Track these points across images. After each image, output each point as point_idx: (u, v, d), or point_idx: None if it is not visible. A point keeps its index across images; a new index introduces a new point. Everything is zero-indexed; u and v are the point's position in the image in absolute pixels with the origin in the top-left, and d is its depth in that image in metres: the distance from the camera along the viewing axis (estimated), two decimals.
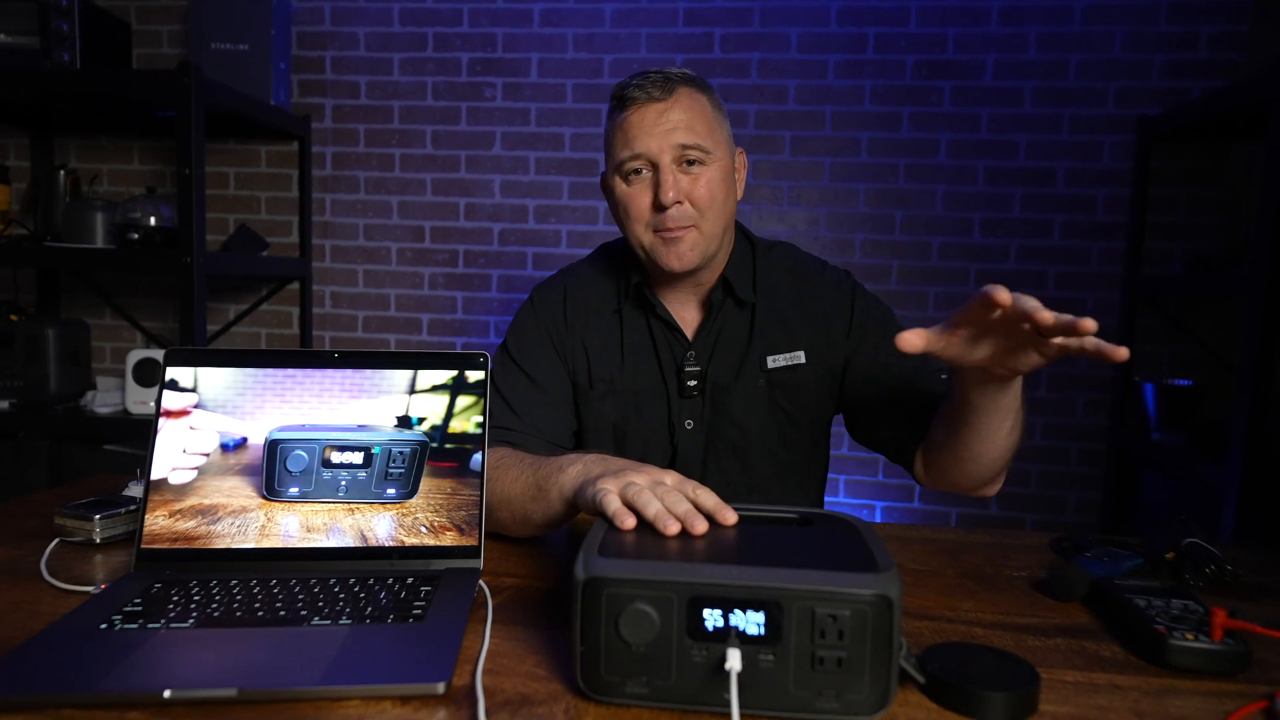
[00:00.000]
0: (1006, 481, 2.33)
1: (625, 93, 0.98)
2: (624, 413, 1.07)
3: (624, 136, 0.98)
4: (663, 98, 0.96)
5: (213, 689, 0.55)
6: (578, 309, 1.09)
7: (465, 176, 2.31)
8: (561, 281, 1.13)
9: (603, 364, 1.07)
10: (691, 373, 1.04)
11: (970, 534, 0.99)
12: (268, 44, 2.10)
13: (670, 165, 0.96)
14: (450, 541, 0.79)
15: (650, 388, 1.06)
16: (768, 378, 1.05)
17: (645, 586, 0.53)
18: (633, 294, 1.08)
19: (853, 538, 0.62)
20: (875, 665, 0.52)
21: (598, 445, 1.08)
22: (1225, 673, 0.61)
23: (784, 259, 1.11)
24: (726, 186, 1.00)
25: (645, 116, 0.96)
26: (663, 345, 1.07)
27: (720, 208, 0.99)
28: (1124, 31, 2.07)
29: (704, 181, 0.97)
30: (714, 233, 1.00)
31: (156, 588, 0.71)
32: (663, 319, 1.06)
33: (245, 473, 0.80)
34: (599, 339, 1.08)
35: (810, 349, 1.06)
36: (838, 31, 2.16)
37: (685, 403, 1.05)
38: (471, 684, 0.58)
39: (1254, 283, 1.57)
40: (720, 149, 0.99)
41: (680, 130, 0.96)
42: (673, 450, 1.06)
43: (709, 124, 0.99)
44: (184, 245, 1.83)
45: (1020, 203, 2.14)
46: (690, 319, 1.08)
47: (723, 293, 1.05)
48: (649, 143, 0.96)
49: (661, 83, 0.97)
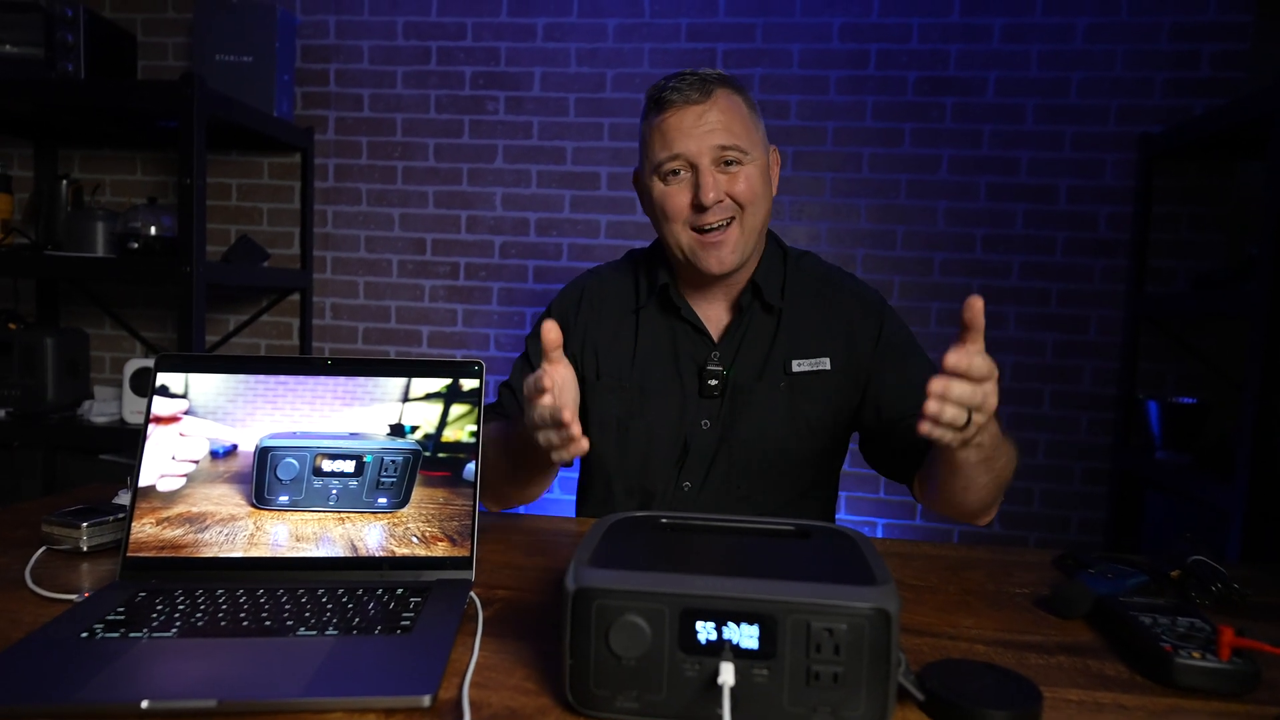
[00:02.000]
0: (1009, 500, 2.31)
1: (662, 95, 1.00)
2: (628, 408, 1.08)
3: (662, 139, 1.00)
4: (700, 100, 0.98)
5: (192, 700, 0.53)
6: (594, 304, 1.12)
7: (467, 189, 2.32)
8: (584, 280, 1.17)
9: (612, 359, 1.09)
10: (713, 373, 1.05)
11: (972, 550, 0.97)
12: (272, 56, 2.12)
13: (710, 166, 0.99)
14: (442, 552, 0.78)
15: (661, 386, 1.08)
16: (790, 381, 1.05)
17: (637, 598, 0.52)
18: (658, 294, 1.09)
19: (850, 551, 0.61)
20: (872, 681, 0.51)
21: (601, 437, 1.09)
22: (1233, 693, 0.59)
23: (815, 267, 1.13)
24: (765, 183, 1.03)
25: (684, 119, 0.98)
26: (684, 346, 1.08)
27: (760, 203, 1.02)
28: (1125, 50, 2.08)
29: (743, 178, 1.00)
30: (754, 228, 1.02)
31: (141, 596, 0.70)
32: (688, 320, 1.07)
33: (235, 480, 0.79)
34: (611, 334, 1.10)
35: (835, 357, 1.07)
36: (839, 48, 2.17)
37: (705, 403, 1.06)
38: (458, 697, 0.56)
39: (1258, 300, 1.56)
40: (757, 148, 1.02)
41: (719, 131, 0.98)
42: (684, 449, 1.06)
43: (745, 124, 1.01)
44: (184, 255, 1.83)
45: (1022, 219, 2.14)
46: (717, 320, 1.09)
47: (751, 295, 1.06)
48: (688, 144, 0.98)
49: (698, 84, 0.99)
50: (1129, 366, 2.06)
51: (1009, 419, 2.16)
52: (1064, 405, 2.15)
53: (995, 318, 2.16)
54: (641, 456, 1.07)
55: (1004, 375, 2.17)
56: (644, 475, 1.07)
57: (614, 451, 1.08)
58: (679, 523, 0.68)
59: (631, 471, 1.08)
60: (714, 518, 0.69)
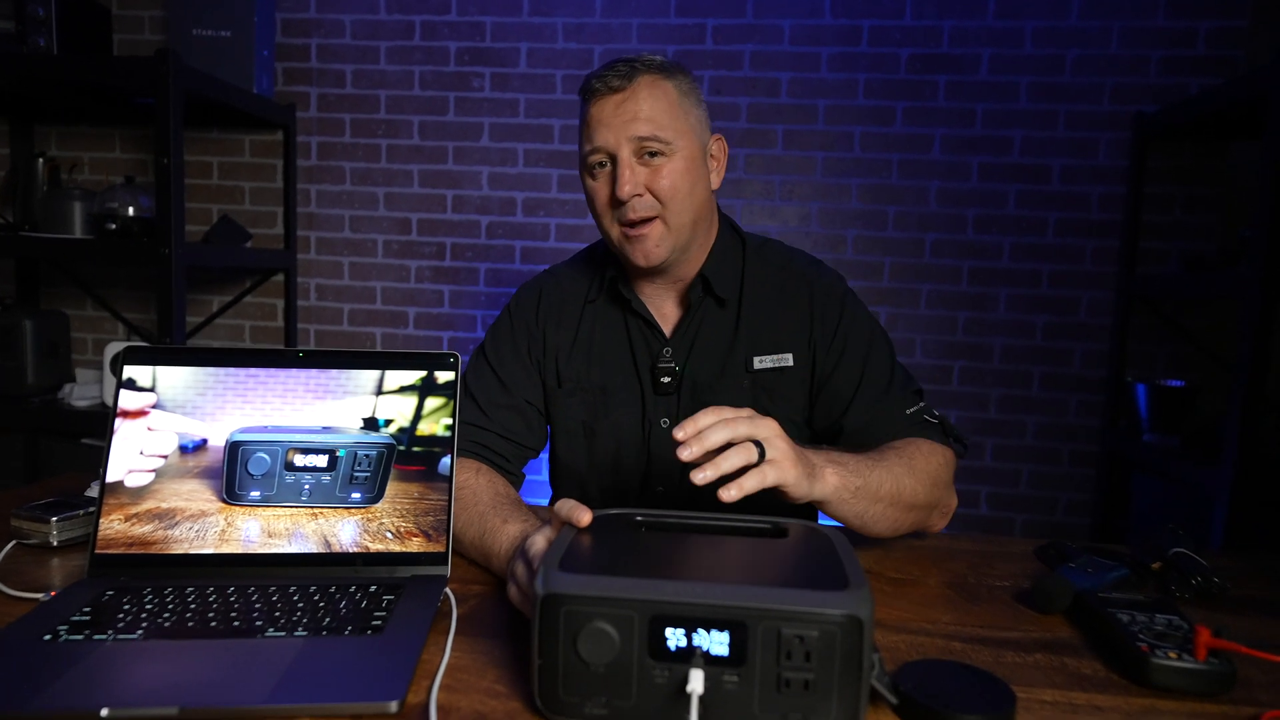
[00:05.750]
0: (997, 481, 2.30)
1: (589, 84, 0.96)
2: (593, 410, 1.04)
3: (586, 130, 0.96)
4: (621, 87, 0.93)
5: (153, 707, 0.52)
6: (551, 309, 1.07)
7: (453, 168, 2.28)
8: (540, 283, 1.11)
9: (572, 362, 1.05)
10: (665, 369, 1.01)
11: (955, 540, 0.97)
12: (250, 31, 2.06)
13: (629, 158, 0.93)
14: (417, 548, 0.77)
15: (621, 384, 1.04)
16: (753, 379, 1.01)
17: (605, 604, 0.51)
18: (607, 288, 1.05)
19: (826, 551, 0.60)
20: (844, 688, 0.50)
21: (569, 444, 1.06)
22: (1209, 693, 0.59)
23: (775, 257, 1.06)
24: (692, 176, 0.96)
25: (604, 108, 0.94)
26: (638, 341, 1.04)
27: (685, 198, 0.95)
28: (1121, 26, 2.04)
29: (665, 172, 0.94)
30: (681, 224, 0.96)
31: (108, 595, 0.69)
32: (639, 314, 1.03)
33: (205, 475, 0.77)
34: (569, 336, 1.06)
35: (798, 351, 1.02)
36: (831, 23, 2.13)
37: (660, 400, 1.03)
38: (426, 701, 0.55)
39: (1250, 283, 1.55)
40: (685, 138, 0.95)
41: (639, 121, 0.92)
42: (647, 450, 1.04)
43: (672, 112, 0.94)
44: (162, 236, 1.80)
45: (1014, 199, 2.12)
46: (669, 315, 1.05)
47: (702, 290, 1.02)
48: (607, 135, 0.93)
49: (624, 72, 0.93)
50: (1119, 348, 2.06)
51: (999, 401, 2.16)
52: (1053, 387, 2.15)
53: (986, 299, 2.15)
54: (611, 458, 1.05)
55: (994, 357, 2.16)
56: (616, 477, 1.05)
57: (583, 456, 1.06)
58: (654, 520, 0.67)
59: (603, 473, 1.06)
60: (690, 516, 0.68)
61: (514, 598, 0.70)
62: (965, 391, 2.17)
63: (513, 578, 0.71)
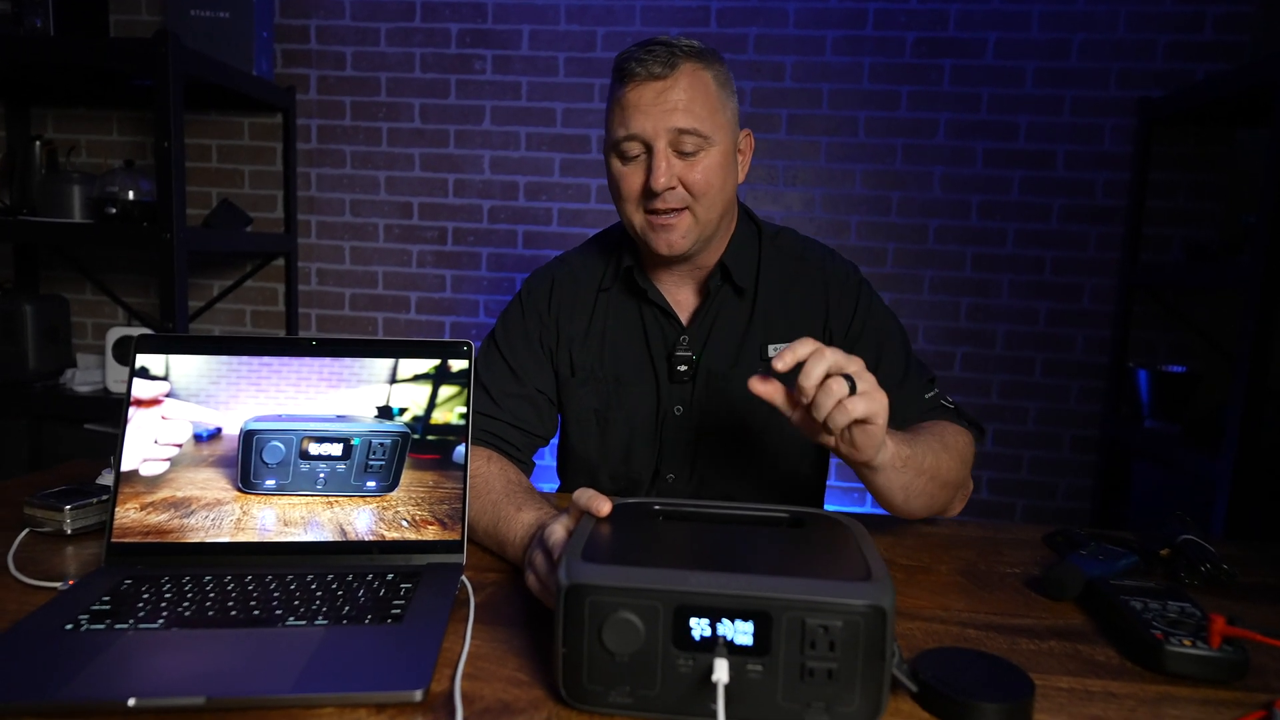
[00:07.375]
0: (998, 466, 2.31)
1: (626, 66, 0.93)
2: (605, 399, 1.04)
3: (621, 114, 0.93)
4: (664, 74, 0.91)
5: (180, 697, 0.53)
6: (565, 298, 1.06)
7: (454, 152, 2.26)
8: (551, 271, 1.10)
9: (585, 350, 1.05)
10: (682, 357, 1.01)
11: (963, 528, 0.98)
12: (249, 12, 2.04)
13: (665, 149, 0.92)
14: (432, 536, 0.77)
15: (634, 373, 1.04)
16: (768, 366, 1.02)
17: (630, 595, 0.51)
18: (622, 277, 1.04)
19: (845, 541, 0.60)
20: (867, 677, 0.50)
21: (580, 433, 1.06)
22: (1223, 680, 0.60)
23: (791, 246, 1.07)
24: (725, 171, 0.95)
25: (644, 95, 0.91)
26: (653, 329, 1.04)
27: (717, 193, 0.95)
28: (1128, 10, 2.03)
29: (701, 167, 0.93)
30: (709, 218, 0.96)
31: (126, 584, 0.69)
32: (655, 303, 1.03)
33: (220, 464, 0.77)
34: (583, 326, 1.05)
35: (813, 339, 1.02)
36: (836, 6, 2.11)
37: (675, 388, 1.03)
38: (450, 690, 0.56)
39: (1253, 271, 1.55)
40: (721, 131, 0.94)
41: (679, 113, 0.91)
42: (659, 438, 1.04)
43: (711, 105, 0.93)
44: (163, 220, 1.79)
45: (1019, 186, 2.11)
46: (686, 303, 1.05)
47: (720, 278, 1.02)
48: (645, 124, 0.91)
49: (665, 58, 0.91)
50: (1121, 335, 2.06)
51: (1000, 387, 2.17)
52: (1055, 373, 2.15)
53: (989, 285, 2.15)
54: (623, 447, 1.05)
55: (996, 343, 2.16)
56: (627, 465, 1.06)
57: (596, 444, 1.06)
58: (672, 509, 0.68)
59: (615, 461, 1.06)
60: (707, 505, 0.69)
61: (532, 586, 0.70)
62: (968, 377, 2.18)
63: (531, 566, 0.71)
